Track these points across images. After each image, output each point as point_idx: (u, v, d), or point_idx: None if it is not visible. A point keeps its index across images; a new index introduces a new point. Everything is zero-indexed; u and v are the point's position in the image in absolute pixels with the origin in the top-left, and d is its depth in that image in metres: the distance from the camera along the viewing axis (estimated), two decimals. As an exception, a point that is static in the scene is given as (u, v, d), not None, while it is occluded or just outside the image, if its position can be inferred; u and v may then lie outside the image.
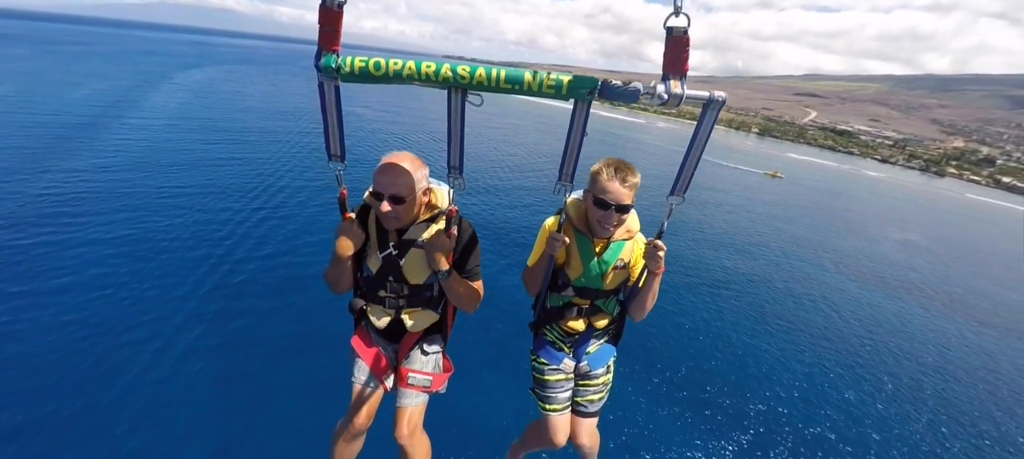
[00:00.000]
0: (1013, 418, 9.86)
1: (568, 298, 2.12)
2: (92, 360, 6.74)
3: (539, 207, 17.82)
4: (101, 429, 5.82)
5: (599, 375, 2.27)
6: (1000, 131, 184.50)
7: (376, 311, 2.02)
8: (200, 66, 51.93)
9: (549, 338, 2.27)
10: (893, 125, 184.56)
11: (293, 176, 16.33)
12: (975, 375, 11.44)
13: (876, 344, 12.06)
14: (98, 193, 12.20)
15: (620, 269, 2.05)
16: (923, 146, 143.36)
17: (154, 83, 33.48)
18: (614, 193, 1.83)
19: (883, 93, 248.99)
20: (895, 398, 9.74)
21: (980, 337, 14.11)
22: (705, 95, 1.41)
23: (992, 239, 36.55)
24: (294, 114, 29.28)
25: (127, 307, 8.06)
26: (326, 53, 1.41)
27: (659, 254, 1.83)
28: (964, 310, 16.45)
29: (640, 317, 2.09)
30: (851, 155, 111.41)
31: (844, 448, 7.86)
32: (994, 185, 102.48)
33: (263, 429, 6.38)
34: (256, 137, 21.53)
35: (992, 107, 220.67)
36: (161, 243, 10.26)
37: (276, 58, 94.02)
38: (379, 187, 1.75)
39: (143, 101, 26.06)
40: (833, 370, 10.26)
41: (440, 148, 16.73)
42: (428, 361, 2.12)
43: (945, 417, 9.41)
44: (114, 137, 17.74)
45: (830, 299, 14.58)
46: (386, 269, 1.94)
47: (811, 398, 9.09)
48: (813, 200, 36.31)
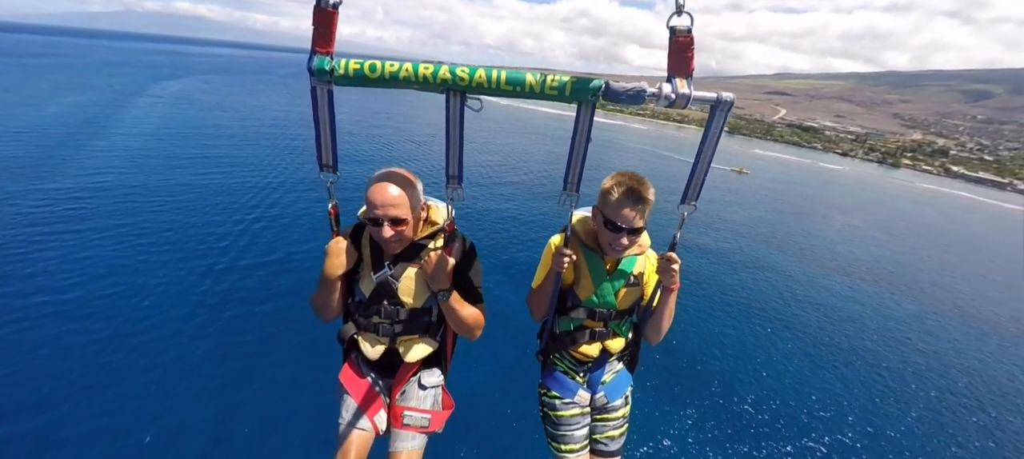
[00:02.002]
0: (908, 364, 11.96)
1: (579, 321, 1.95)
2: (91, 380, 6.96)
3: (544, 222, 17.56)
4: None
5: (618, 407, 2.07)
6: (957, 123, 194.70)
7: (368, 340, 1.85)
8: (176, 77, 51.63)
9: (560, 367, 2.07)
10: (857, 120, 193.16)
11: (285, 189, 16.72)
12: (888, 335, 13.63)
13: (794, 307, 14.12)
14: (88, 209, 12.41)
15: (633, 286, 1.92)
16: (883, 140, 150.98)
17: (131, 96, 33.35)
18: (626, 216, 1.71)
19: (848, 90, 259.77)
20: (816, 343, 11.76)
21: (899, 307, 16.44)
22: (712, 96, 1.38)
23: (930, 221, 39.95)
24: (278, 124, 29.64)
25: (126, 323, 8.18)
26: (319, 55, 1.37)
27: (673, 268, 1.73)
28: (889, 283, 18.82)
29: (656, 339, 1.95)
30: (814, 150, 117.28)
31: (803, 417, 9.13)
32: (944, 174, 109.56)
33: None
34: (243, 148, 21.98)
35: (950, 101, 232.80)
36: (158, 254, 10.70)
37: (253, 67, 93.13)
38: (375, 211, 1.62)
39: (122, 114, 25.93)
40: (763, 334, 12.17)
41: (424, 154, 18.70)
42: (426, 397, 1.93)
43: (857, 363, 11.48)
44: (97, 153, 17.74)
45: (775, 279, 16.67)
46: (380, 292, 1.78)
47: (766, 374, 10.86)
48: (772, 191, 38.99)
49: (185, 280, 9.96)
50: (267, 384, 7.68)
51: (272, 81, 63.48)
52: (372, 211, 1.62)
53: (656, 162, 45.31)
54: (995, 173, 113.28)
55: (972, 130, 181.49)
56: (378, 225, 1.63)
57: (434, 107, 53.07)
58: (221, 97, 40.00)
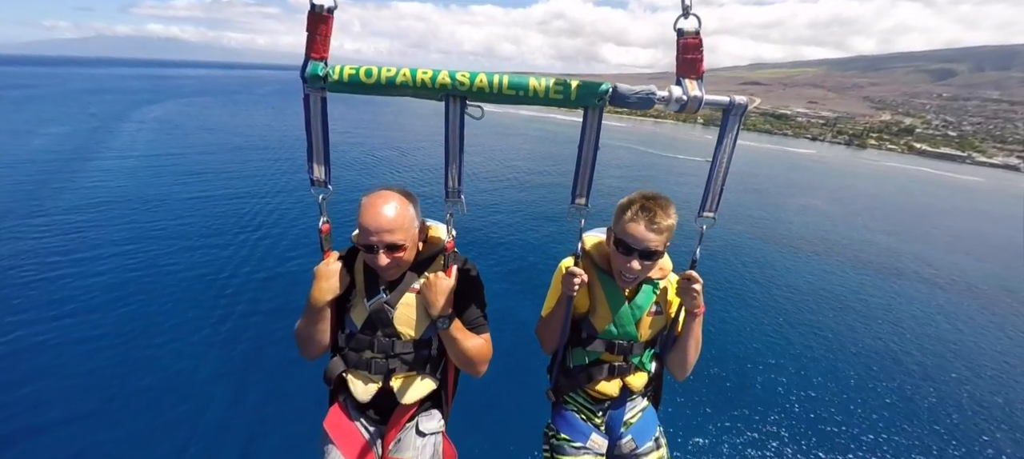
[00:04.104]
0: (844, 323, 13.82)
1: (596, 354, 1.76)
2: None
3: (554, 242, 16.72)
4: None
5: (650, 451, 1.84)
6: (924, 103, 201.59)
7: (359, 378, 1.66)
8: (157, 101, 51.62)
9: (572, 406, 1.87)
10: (829, 105, 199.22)
11: (278, 207, 17.15)
12: (824, 297, 15.46)
13: (743, 275, 15.97)
14: (83, 240, 12.63)
15: (656, 314, 1.73)
16: (853, 122, 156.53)
17: (114, 123, 33.60)
18: (639, 236, 1.52)
19: (820, 76, 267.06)
20: (765, 311, 13.49)
21: (855, 273, 18.45)
22: (725, 100, 1.31)
23: (888, 195, 42.69)
24: (266, 143, 30.34)
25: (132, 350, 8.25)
26: (313, 61, 1.32)
27: (695, 288, 1.56)
28: (840, 253, 20.88)
29: (683, 374, 1.75)
30: (785, 136, 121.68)
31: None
32: (908, 152, 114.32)
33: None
34: (234, 168, 22.71)
35: (916, 81, 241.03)
36: (162, 281, 10.97)
37: (232, 86, 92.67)
38: (370, 238, 1.46)
39: (108, 142, 26.09)
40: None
41: (409, 165, 19.35)
42: (425, 447, 1.70)
43: (802, 326, 13.17)
44: (86, 182, 17.93)
45: (737, 254, 18.34)
46: (374, 322, 1.61)
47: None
48: (739, 176, 41.21)
49: (197, 303, 10.21)
50: (239, 435, 6.89)
51: (255, 100, 63.82)
52: (366, 237, 1.48)
53: (633, 159, 47.05)
54: (957, 148, 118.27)
55: (938, 108, 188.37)
56: (373, 252, 1.49)
57: (427, 116, 54.53)
58: (205, 119, 40.49)
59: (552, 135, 58.49)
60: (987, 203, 47.50)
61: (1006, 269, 21.72)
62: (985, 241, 28.12)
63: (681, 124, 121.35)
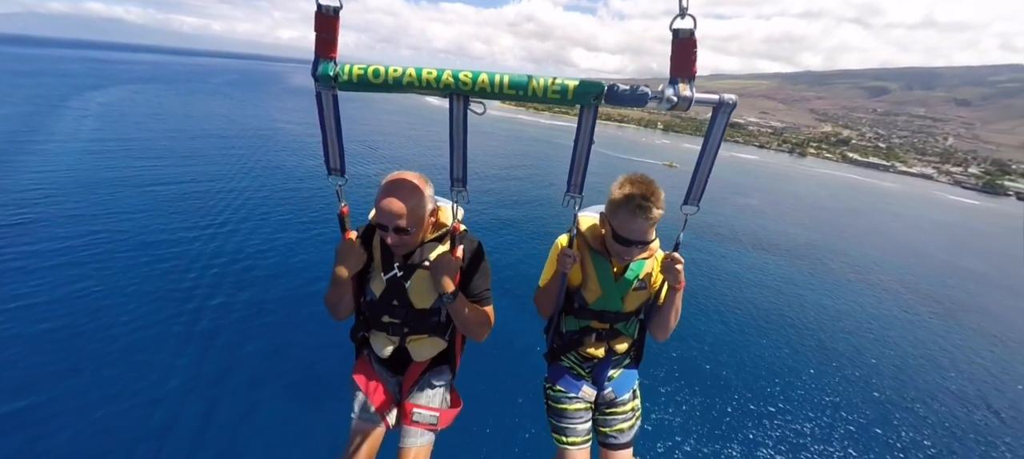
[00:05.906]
0: (771, 305, 15.76)
1: (586, 322, 1.99)
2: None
3: (551, 222, 18.21)
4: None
5: (626, 401, 2.10)
6: (860, 116, 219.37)
7: (379, 338, 1.90)
8: (101, 87, 48.21)
9: (566, 364, 2.10)
10: (778, 116, 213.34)
11: (246, 196, 17.29)
12: (753, 284, 17.45)
13: (688, 265, 17.89)
14: (31, 227, 12.15)
15: (640, 289, 1.93)
16: (797, 132, 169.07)
17: (52, 109, 31.11)
18: (637, 231, 1.73)
19: (772, 88, 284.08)
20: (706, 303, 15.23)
21: (770, 261, 20.79)
22: (714, 98, 1.39)
23: (817, 198, 47.02)
24: (227, 135, 29.48)
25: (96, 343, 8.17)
26: (323, 61, 1.39)
27: (677, 267, 1.77)
28: (770, 247, 23.33)
29: (663, 337, 1.97)
30: (736, 143, 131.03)
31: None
32: (842, 161, 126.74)
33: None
34: (192, 157, 22.22)
35: (855, 97, 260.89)
36: (121, 267, 10.90)
37: (185, 74, 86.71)
38: (384, 217, 1.66)
39: (47, 129, 24.42)
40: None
41: (416, 155, 21.55)
42: (435, 395, 1.96)
43: (737, 309, 14.97)
44: (27, 171, 16.91)
45: (684, 249, 20.31)
46: (390, 293, 1.83)
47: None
48: (686, 177, 44.03)
49: (172, 295, 10.20)
50: (285, 384, 8.01)
51: (211, 90, 60.54)
52: (380, 218, 1.67)
53: (594, 158, 49.08)
54: (883, 158, 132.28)
55: (872, 122, 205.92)
56: (385, 230, 1.68)
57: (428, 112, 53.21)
58: (157, 107, 38.57)
59: (517, 133, 59.91)
60: (900, 206, 53.39)
61: (904, 262, 25.17)
62: (892, 238, 32.09)
63: (642, 128, 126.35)
